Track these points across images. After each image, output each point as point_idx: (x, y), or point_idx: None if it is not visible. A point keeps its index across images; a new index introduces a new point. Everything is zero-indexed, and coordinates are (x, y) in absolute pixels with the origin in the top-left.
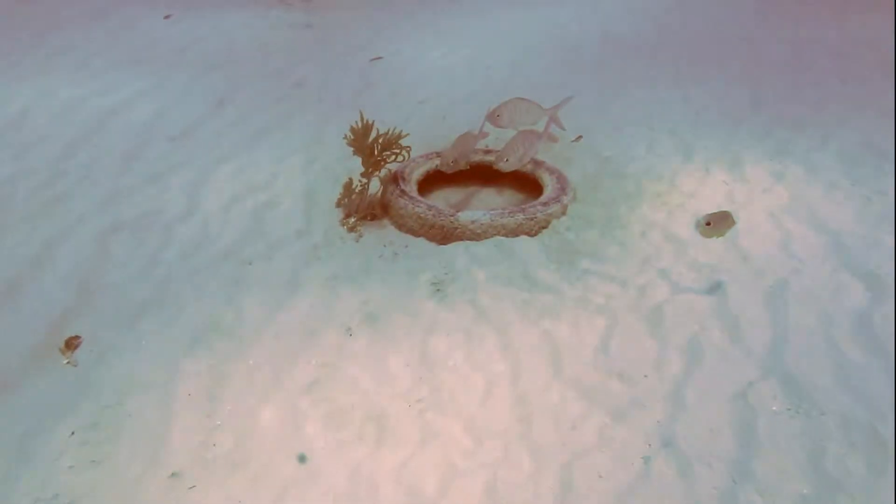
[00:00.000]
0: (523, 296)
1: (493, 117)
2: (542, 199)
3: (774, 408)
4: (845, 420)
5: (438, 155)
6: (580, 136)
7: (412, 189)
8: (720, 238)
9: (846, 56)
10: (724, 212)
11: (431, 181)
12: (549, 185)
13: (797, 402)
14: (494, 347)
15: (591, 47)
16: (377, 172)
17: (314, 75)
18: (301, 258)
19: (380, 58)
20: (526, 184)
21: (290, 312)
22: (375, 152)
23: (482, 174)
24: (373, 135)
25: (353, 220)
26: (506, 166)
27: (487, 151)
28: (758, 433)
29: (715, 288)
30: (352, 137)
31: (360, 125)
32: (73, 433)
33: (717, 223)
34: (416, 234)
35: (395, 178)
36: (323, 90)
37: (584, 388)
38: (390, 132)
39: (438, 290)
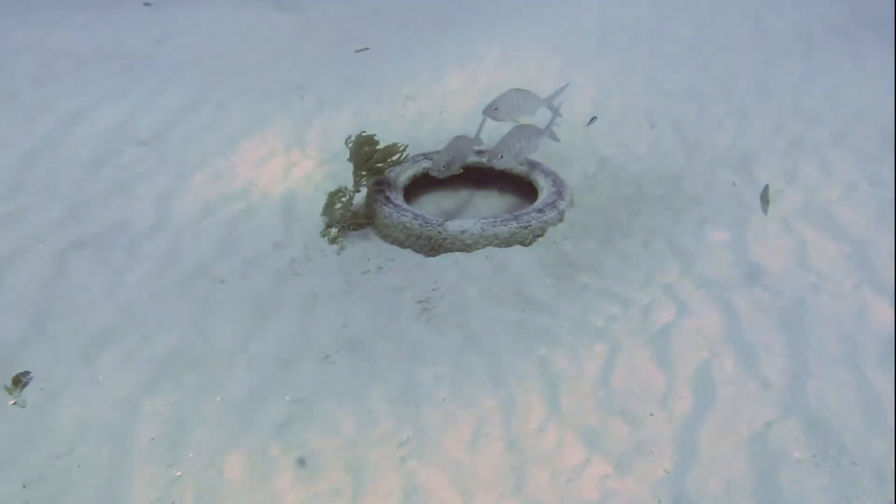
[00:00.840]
0: (517, 317)
1: (491, 111)
2: (537, 204)
3: (797, 454)
4: (879, 471)
5: (427, 157)
6: (594, 118)
7: (398, 196)
8: (728, 255)
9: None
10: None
11: (420, 185)
12: (545, 189)
13: (823, 448)
14: (485, 379)
15: (590, 33)
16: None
17: (298, 70)
18: (278, 274)
19: (366, 48)
20: (521, 186)
21: (264, 339)
22: (367, 165)
23: (475, 177)
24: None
25: (334, 230)
26: (500, 164)
27: (479, 151)
28: (780, 486)
29: (725, 308)
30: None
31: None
32: (22, 487)
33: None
34: (402, 245)
35: (379, 184)
36: (306, 86)
37: (583, 430)
38: (389, 147)
39: (425, 309)
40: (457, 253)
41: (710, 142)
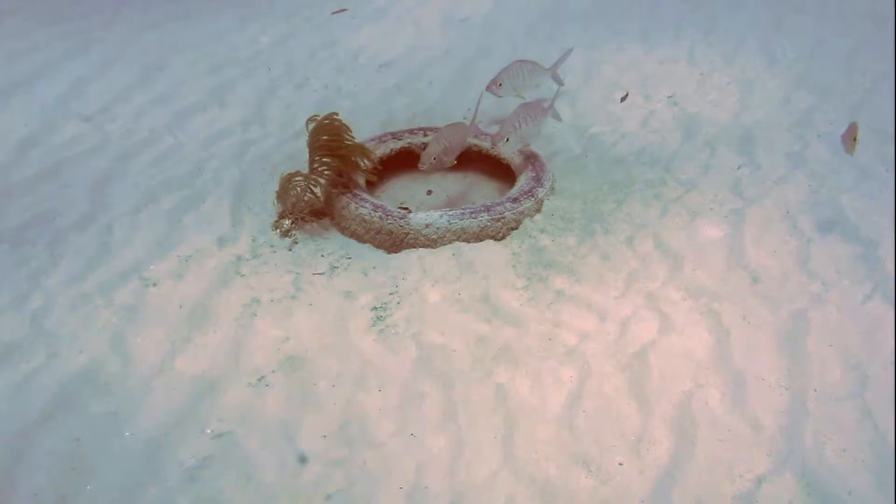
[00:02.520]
0: (480, 329)
1: (494, 86)
2: (513, 192)
3: None
4: None
5: (395, 137)
6: (626, 94)
7: (358, 183)
8: (722, 257)
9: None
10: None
11: (389, 167)
12: (523, 174)
13: None
14: (435, 411)
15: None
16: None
17: (267, 34)
18: (219, 275)
19: (344, 10)
20: (498, 167)
21: (192, 355)
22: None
23: None
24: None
25: (287, 222)
26: (507, 148)
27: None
28: None
29: (714, 323)
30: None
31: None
32: None
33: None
34: (361, 239)
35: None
36: (275, 52)
37: (539, 483)
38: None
39: (380, 317)
40: (421, 249)
41: (710, 116)
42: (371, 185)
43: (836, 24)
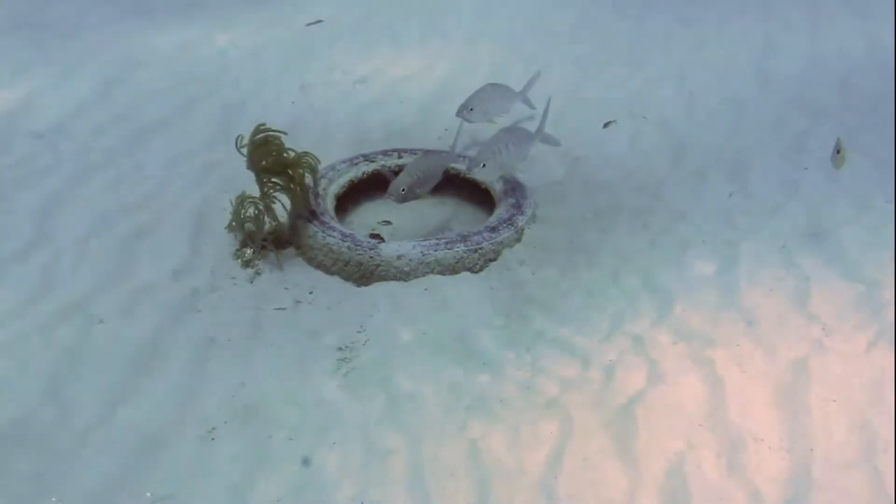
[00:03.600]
0: (454, 375)
1: (465, 112)
2: (492, 220)
3: None
4: None
5: (368, 159)
6: (610, 121)
7: (326, 209)
8: (714, 295)
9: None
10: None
11: (359, 190)
12: (503, 201)
13: None
14: (400, 473)
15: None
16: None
17: (236, 48)
18: (172, 311)
19: (319, 21)
20: (476, 191)
21: (137, 403)
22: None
23: None
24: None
25: (249, 251)
26: (483, 174)
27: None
28: None
29: (708, 372)
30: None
31: (258, 135)
32: None
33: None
34: (328, 271)
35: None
36: (242, 65)
37: None
38: (299, 156)
39: (345, 360)
40: (392, 283)
41: (700, 140)
42: (342, 211)
43: (831, 44)
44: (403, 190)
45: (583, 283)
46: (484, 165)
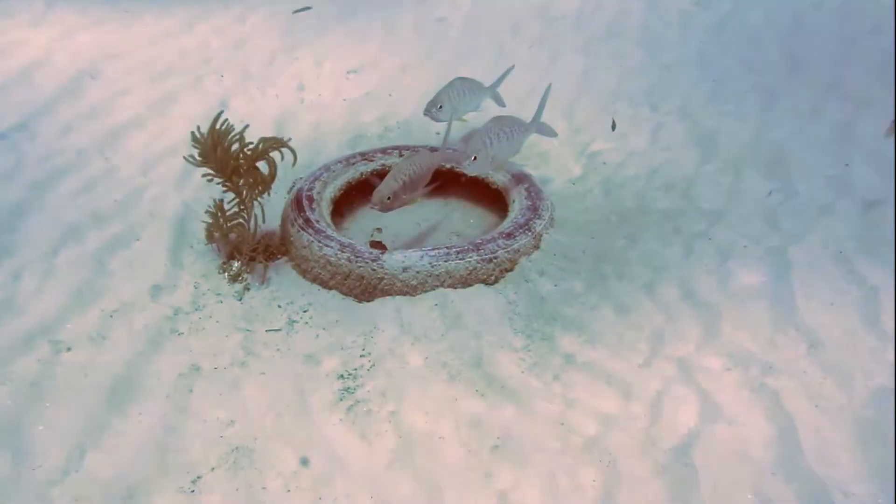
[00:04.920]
0: (474, 408)
1: (434, 109)
2: (506, 225)
3: None
4: None
5: (365, 157)
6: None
7: (322, 215)
8: (766, 311)
9: None
10: None
11: (357, 193)
12: (517, 202)
13: None
14: None
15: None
16: (258, 193)
17: (219, 38)
18: (150, 336)
19: (307, 8)
20: (486, 192)
21: (108, 449)
22: (239, 167)
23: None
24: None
25: (237, 264)
26: (473, 168)
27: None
28: None
29: (772, 404)
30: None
31: (208, 133)
32: None
33: None
34: (326, 285)
35: (297, 200)
36: (224, 57)
37: None
38: (261, 144)
39: (347, 390)
40: (398, 298)
41: (729, 130)
42: (339, 216)
43: (865, 22)
44: (389, 198)
45: (613, 296)
46: (475, 158)
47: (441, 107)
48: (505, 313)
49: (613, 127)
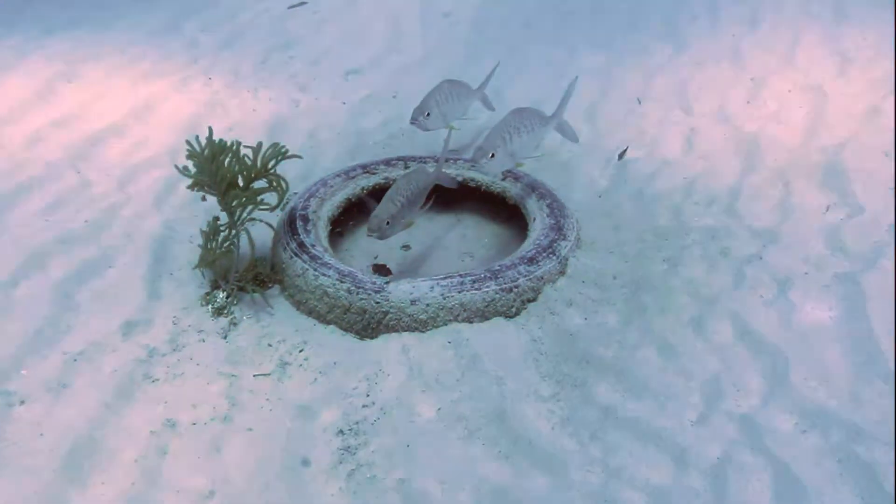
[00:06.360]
0: (498, 476)
1: (422, 117)
2: (527, 248)
3: None
4: None
5: (367, 170)
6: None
7: (319, 238)
8: (842, 354)
9: None
10: None
11: (358, 209)
12: (538, 220)
13: None
14: None
15: None
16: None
17: (205, 35)
18: (120, 384)
19: (303, 3)
20: (503, 206)
21: None
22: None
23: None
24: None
25: (222, 295)
26: (492, 166)
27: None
28: None
29: (864, 475)
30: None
31: (204, 146)
32: None
33: None
34: (323, 319)
35: (290, 221)
36: (212, 57)
37: None
38: (263, 153)
39: (349, 450)
40: (405, 335)
41: (774, 136)
42: (338, 235)
43: None
44: (388, 223)
45: (655, 333)
46: (493, 155)
47: (429, 114)
48: (529, 353)
49: (621, 157)
